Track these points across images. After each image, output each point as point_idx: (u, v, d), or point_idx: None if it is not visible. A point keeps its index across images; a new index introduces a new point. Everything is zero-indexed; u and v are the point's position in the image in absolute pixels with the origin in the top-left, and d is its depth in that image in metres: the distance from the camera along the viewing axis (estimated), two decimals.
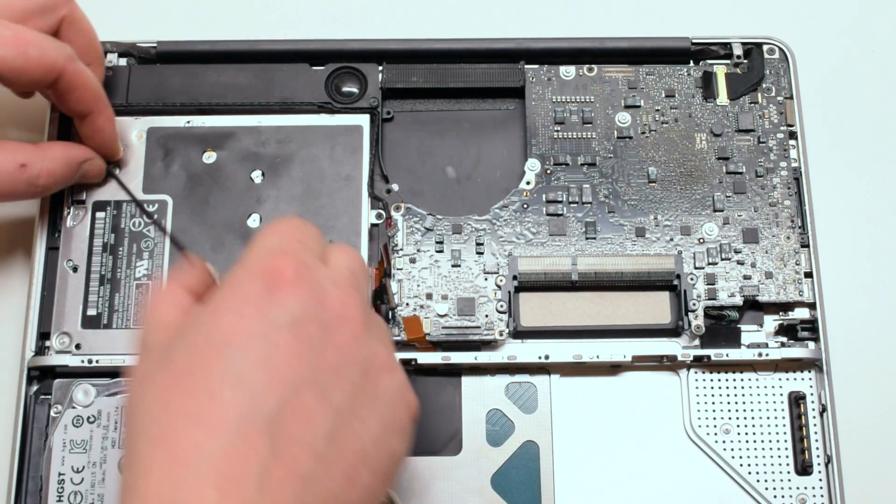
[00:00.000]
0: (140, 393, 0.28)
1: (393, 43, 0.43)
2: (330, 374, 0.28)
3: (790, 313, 0.41)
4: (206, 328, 0.28)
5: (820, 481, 0.38)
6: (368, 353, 0.29)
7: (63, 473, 0.38)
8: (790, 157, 0.42)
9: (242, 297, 0.28)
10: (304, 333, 0.28)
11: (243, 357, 0.27)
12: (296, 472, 0.26)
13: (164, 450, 0.26)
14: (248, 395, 0.26)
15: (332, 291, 0.29)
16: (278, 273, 0.28)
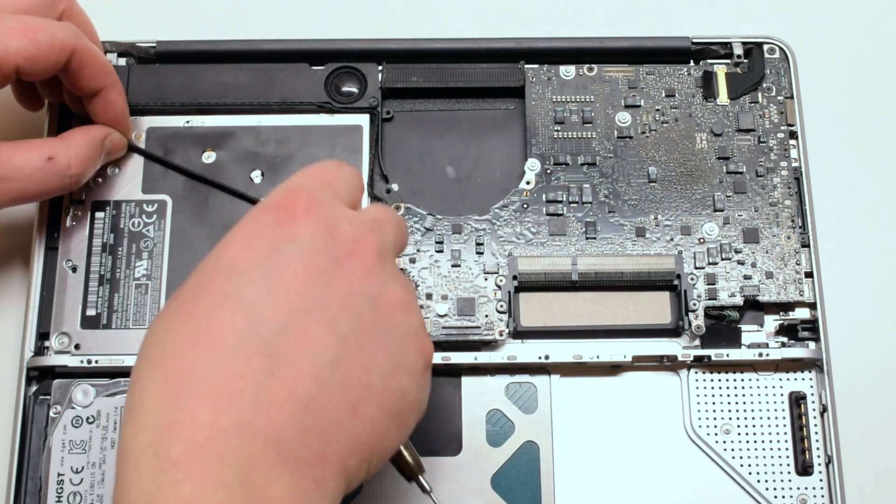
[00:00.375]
0: (151, 325, 0.28)
1: (393, 42, 0.43)
2: (336, 304, 0.27)
3: (791, 313, 0.40)
4: (214, 257, 0.28)
5: (820, 482, 0.38)
6: (380, 288, 0.29)
7: (62, 474, 0.38)
8: (790, 157, 0.42)
9: (252, 229, 0.28)
10: (312, 262, 0.27)
11: (247, 281, 0.27)
12: (295, 394, 0.26)
13: (161, 370, 0.26)
14: (248, 317, 0.26)
15: (344, 227, 0.29)
16: (290, 206, 0.28)
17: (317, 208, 0.28)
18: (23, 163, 0.35)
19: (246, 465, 0.25)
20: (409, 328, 0.29)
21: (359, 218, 0.30)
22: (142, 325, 0.39)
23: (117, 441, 0.26)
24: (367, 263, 0.29)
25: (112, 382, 0.39)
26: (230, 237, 0.28)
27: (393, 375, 0.28)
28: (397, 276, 0.30)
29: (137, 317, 0.40)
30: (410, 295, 0.30)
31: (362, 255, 0.29)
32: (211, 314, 0.26)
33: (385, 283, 0.29)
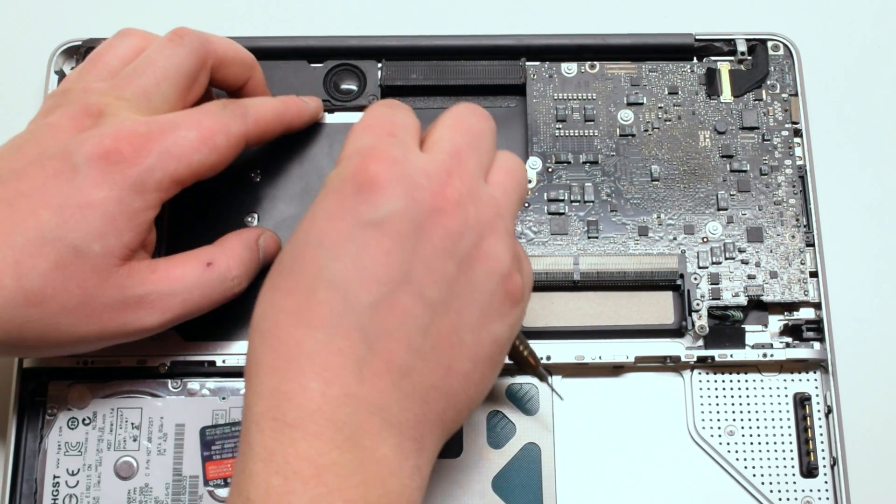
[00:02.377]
0: (259, 296, 0.30)
1: (392, 40, 0.43)
2: (423, 270, 0.29)
3: (795, 313, 0.40)
4: (303, 231, 0.29)
5: (825, 483, 0.38)
6: (464, 245, 0.29)
7: (58, 476, 0.37)
8: (795, 155, 0.42)
9: (334, 200, 0.29)
10: (395, 231, 0.28)
11: (335, 256, 0.28)
12: (393, 363, 0.28)
13: (269, 345, 0.28)
14: (341, 294, 0.28)
15: (422, 184, 0.29)
16: (367, 173, 0.29)
17: (393, 169, 0.29)
18: (181, 273, 0.34)
19: (355, 430, 0.27)
20: (492, 276, 0.30)
21: (434, 165, 0.30)
22: None
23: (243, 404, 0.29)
24: (447, 220, 0.29)
25: (108, 384, 0.38)
26: (315, 210, 0.29)
27: (482, 326, 0.30)
28: (480, 215, 0.30)
29: None
30: (495, 235, 0.30)
31: (442, 210, 0.29)
32: (307, 292, 0.28)
33: (467, 237, 0.29)
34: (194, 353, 0.38)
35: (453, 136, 0.31)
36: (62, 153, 0.32)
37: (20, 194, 0.31)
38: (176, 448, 0.38)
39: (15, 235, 0.31)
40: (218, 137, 0.34)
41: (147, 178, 0.32)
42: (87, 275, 0.32)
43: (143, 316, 0.33)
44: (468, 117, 0.32)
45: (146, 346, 0.38)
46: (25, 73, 0.45)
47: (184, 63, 0.35)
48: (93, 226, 0.31)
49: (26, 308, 0.31)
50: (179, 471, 0.38)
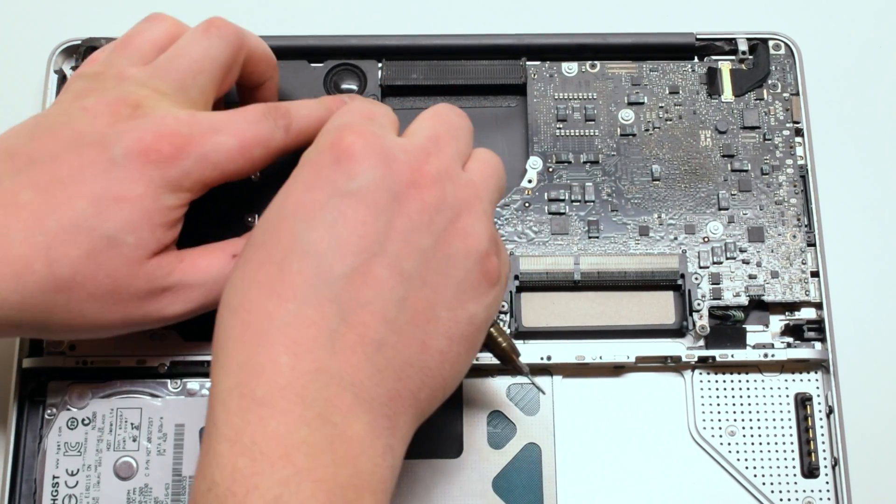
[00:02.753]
0: (230, 273, 0.30)
1: (392, 39, 0.43)
2: (399, 242, 0.28)
3: (796, 313, 0.40)
4: (279, 203, 0.29)
5: (827, 484, 0.38)
6: (440, 220, 0.29)
7: (57, 476, 0.37)
8: (796, 155, 0.42)
9: (311, 171, 0.29)
10: (372, 201, 0.28)
11: (310, 226, 0.28)
12: (367, 336, 0.27)
13: (239, 318, 0.28)
14: (315, 264, 0.27)
15: (401, 158, 0.29)
16: (345, 144, 0.29)
17: (371, 140, 0.29)
18: (208, 265, 0.34)
19: (326, 406, 0.26)
20: (469, 254, 0.30)
21: (412, 143, 0.30)
22: None
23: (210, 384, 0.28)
24: (424, 193, 0.29)
25: (108, 384, 0.38)
26: (292, 181, 0.29)
27: (458, 304, 0.29)
28: (458, 193, 0.30)
29: None
30: (472, 214, 0.30)
31: (419, 185, 0.29)
32: (280, 263, 0.28)
33: (444, 212, 0.29)
34: (194, 353, 0.38)
35: (433, 124, 0.32)
36: (100, 142, 0.32)
37: (56, 180, 0.31)
38: (175, 448, 0.38)
39: (48, 221, 0.31)
40: (256, 150, 0.34)
41: (183, 179, 0.32)
42: (118, 265, 0.32)
43: (167, 305, 0.33)
44: (447, 112, 0.33)
45: (146, 345, 0.38)
46: (25, 72, 0.44)
47: (220, 55, 0.35)
48: (127, 219, 0.31)
49: (54, 294, 0.31)
50: (179, 471, 0.37)
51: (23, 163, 0.32)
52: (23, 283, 0.30)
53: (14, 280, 0.30)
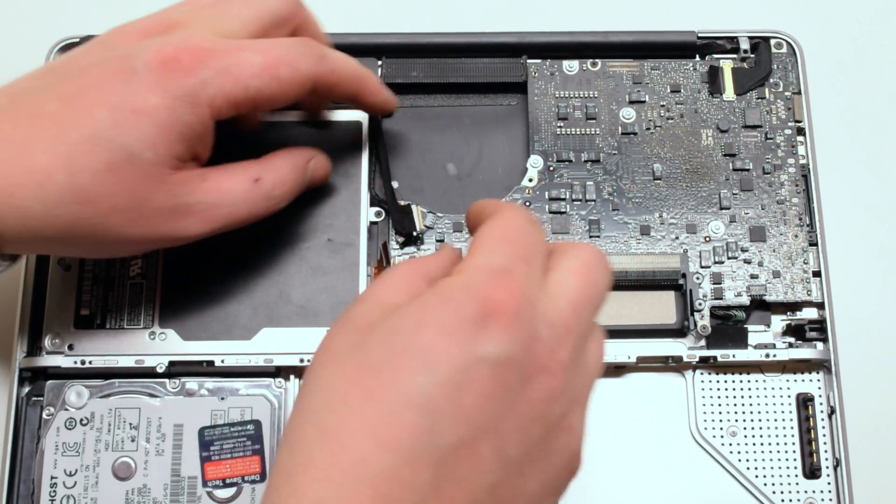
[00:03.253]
0: (325, 370, 0.27)
1: (392, 37, 0.43)
2: (513, 427, 0.26)
3: (798, 313, 0.40)
4: (408, 332, 0.26)
5: (828, 485, 0.38)
6: (556, 412, 0.27)
7: (55, 477, 0.37)
8: (798, 154, 0.41)
9: (454, 317, 0.26)
10: (503, 377, 0.26)
11: (436, 380, 0.25)
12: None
13: (329, 448, 0.25)
14: (428, 424, 0.25)
15: (543, 336, 0.27)
16: (498, 304, 0.26)
17: (522, 310, 0.26)
18: (231, 186, 0.34)
19: None
20: (568, 452, 0.28)
21: (556, 315, 0.28)
22: (136, 325, 0.39)
23: (265, 499, 0.26)
24: (552, 385, 0.27)
25: (106, 383, 0.38)
26: (428, 316, 0.26)
27: (539, 499, 0.28)
28: (578, 387, 0.28)
29: (132, 317, 0.39)
30: (583, 408, 0.29)
31: (550, 374, 0.27)
32: (393, 405, 0.25)
33: (562, 405, 0.28)
34: (193, 352, 0.38)
35: (578, 286, 0.29)
36: (127, 55, 0.32)
37: (79, 91, 0.32)
38: (174, 448, 0.37)
39: (69, 131, 0.31)
40: (282, 69, 0.33)
41: (200, 91, 0.32)
42: (138, 180, 0.32)
43: (190, 224, 0.33)
44: (596, 269, 0.30)
45: (144, 345, 0.38)
46: (23, 70, 0.44)
47: (274, 6, 0.35)
48: (144, 132, 0.31)
49: (77, 205, 0.31)
50: (178, 471, 0.37)
51: (54, 76, 0.32)
52: (45, 193, 0.31)
53: (37, 189, 0.31)
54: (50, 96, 0.32)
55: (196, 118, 0.32)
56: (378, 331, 0.27)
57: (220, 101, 0.32)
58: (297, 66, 0.33)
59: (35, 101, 0.32)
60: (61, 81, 0.32)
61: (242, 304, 0.39)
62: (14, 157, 0.31)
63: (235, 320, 0.39)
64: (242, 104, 0.33)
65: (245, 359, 0.38)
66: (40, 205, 0.31)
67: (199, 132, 0.33)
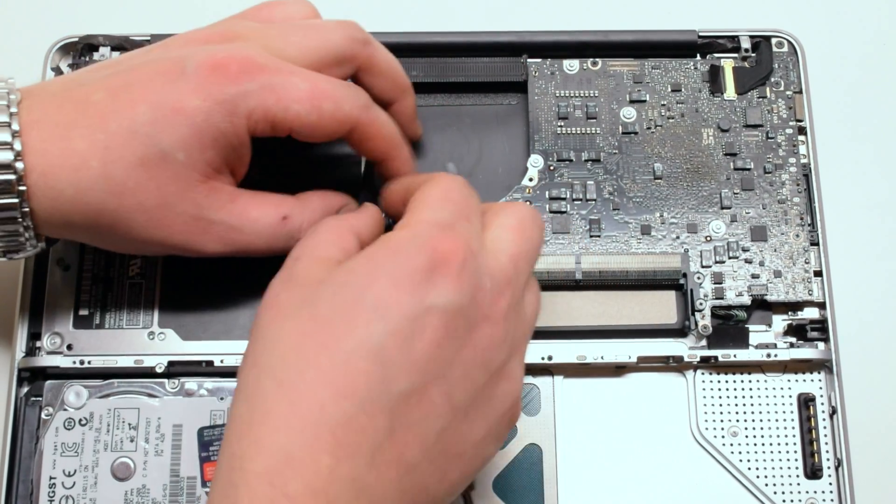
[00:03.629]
0: (276, 324, 0.28)
1: (392, 36, 0.42)
2: (460, 373, 0.28)
3: (799, 313, 0.40)
4: (359, 285, 0.27)
5: (830, 485, 0.38)
6: (498, 359, 0.29)
7: (54, 477, 0.37)
8: (799, 153, 0.41)
9: (404, 268, 0.27)
10: (451, 325, 0.27)
11: (388, 329, 0.27)
12: (403, 457, 0.27)
13: (288, 398, 0.26)
14: (382, 372, 0.26)
15: (486, 286, 0.28)
16: (446, 256, 0.28)
17: (468, 259, 0.28)
18: (257, 216, 0.34)
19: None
20: (509, 397, 0.30)
21: (499, 268, 0.29)
22: (135, 324, 0.39)
23: (224, 450, 0.27)
24: (494, 332, 0.29)
25: (105, 384, 0.38)
26: (379, 268, 0.28)
27: (484, 444, 0.29)
28: (518, 335, 0.30)
29: (131, 316, 0.39)
30: (521, 356, 0.30)
31: (493, 322, 0.29)
32: (348, 355, 0.26)
33: (503, 351, 0.29)
34: (192, 352, 0.38)
35: (515, 240, 0.30)
36: (179, 57, 0.33)
37: (126, 84, 0.32)
38: (173, 449, 0.37)
39: (110, 122, 0.32)
40: (326, 102, 0.33)
41: (241, 101, 0.32)
42: (168, 180, 0.32)
43: (207, 241, 0.34)
44: (532, 227, 0.31)
45: (143, 345, 0.38)
46: (22, 70, 0.43)
47: (338, 43, 0.35)
48: (179, 132, 0.32)
49: (106, 195, 0.32)
50: (177, 472, 0.37)
51: (108, 70, 0.33)
52: (78, 178, 0.31)
53: (71, 173, 0.31)
54: (99, 87, 0.32)
55: (231, 127, 0.32)
56: (328, 284, 0.28)
57: (258, 116, 0.32)
58: (341, 105, 0.33)
59: (84, 90, 0.32)
60: (113, 75, 0.33)
61: (242, 304, 0.39)
62: (54, 139, 0.32)
63: (235, 320, 0.39)
64: (280, 125, 0.33)
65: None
66: (72, 189, 0.32)
67: (233, 143, 0.33)
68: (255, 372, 0.27)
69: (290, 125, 0.33)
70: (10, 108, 0.32)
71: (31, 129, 0.31)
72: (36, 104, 0.32)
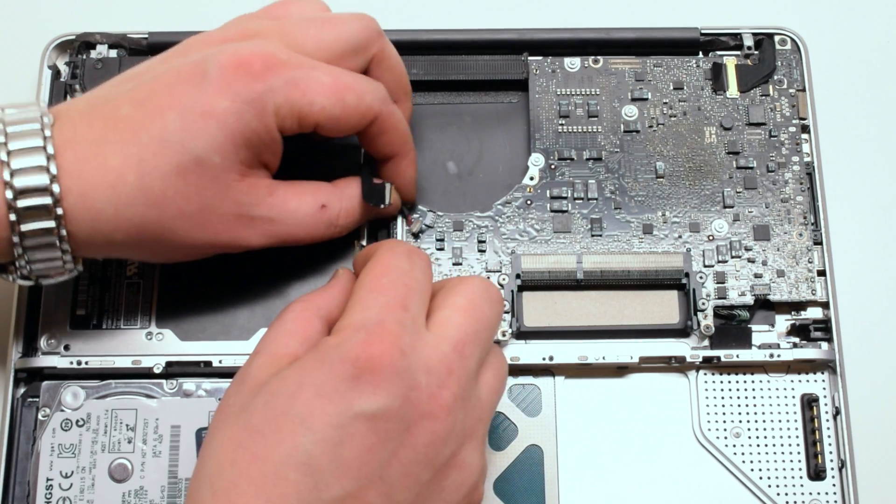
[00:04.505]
0: (219, 431, 0.28)
1: (392, 34, 0.42)
2: (399, 473, 0.28)
3: (803, 313, 0.40)
4: (288, 395, 0.28)
5: (833, 486, 0.38)
6: (445, 452, 0.29)
7: (51, 479, 0.37)
8: (802, 152, 0.41)
9: (328, 378, 0.28)
10: (383, 429, 0.28)
11: (315, 440, 0.27)
12: None
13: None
14: (312, 481, 0.27)
15: (421, 383, 0.28)
16: (370, 361, 0.28)
17: (396, 362, 0.28)
18: (296, 207, 0.35)
19: None
20: (462, 487, 0.29)
21: (437, 358, 0.29)
22: (133, 325, 0.39)
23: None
24: (436, 429, 0.28)
25: (102, 384, 0.38)
26: (305, 376, 0.28)
27: None
28: (466, 421, 0.29)
29: (128, 317, 0.39)
30: (473, 443, 0.30)
31: (433, 417, 0.28)
32: (277, 467, 0.27)
33: (450, 446, 0.29)
34: (190, 353, 0.38)
35: (462, 323, 0.30)
36: (199, 60, 0.33)
37: (151, 94, 0.32)
38: (171, 450, 0.37)
39: (141, 134, 0.32)
40: (350, 95, 0.33)
41: (268, 98, 0.32)
42: (206, 184, 0.32)
43: (250, 235, 0.34)
44: (482, 304, 0.31)
45: (141, 345, 0.38)
46: (18, 67, 0.44)
47: (354, 34, 0.35)
48: (212, 136, 0.32)
49: (146, 208, 0.32)
50: (175, 473, 0.37)
51: (130, 83, 0.33)
52: (116, 195, 0.31)
53: (109, 191, 0.31)
54: (124, 101, 0.32)
55: (262, 126, 0.32)
56: (261, 393, 0.28)
57: (285, 111, 0.33)
58: (364, 96, 0.34)
59: (110, 105, 0.32)
60: (136, 87, 0.33)
61: (240, 304, 0.39)
62: (88, 158, 0.31)
63: (233, 320, 0.38)
64: (306, 120, 0.33)
65: (243, 359, 0.37)
66: (112, 207, 0.32)
67: (265, 141, 0.33)
68: (197, 480, 0.28)
69: (315, 119, 0.33)
70: (44, 130, 0.31)
71: (66, 150, 0.31)
72: (66, 124, 0.32)
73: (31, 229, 0.31)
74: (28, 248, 0.32)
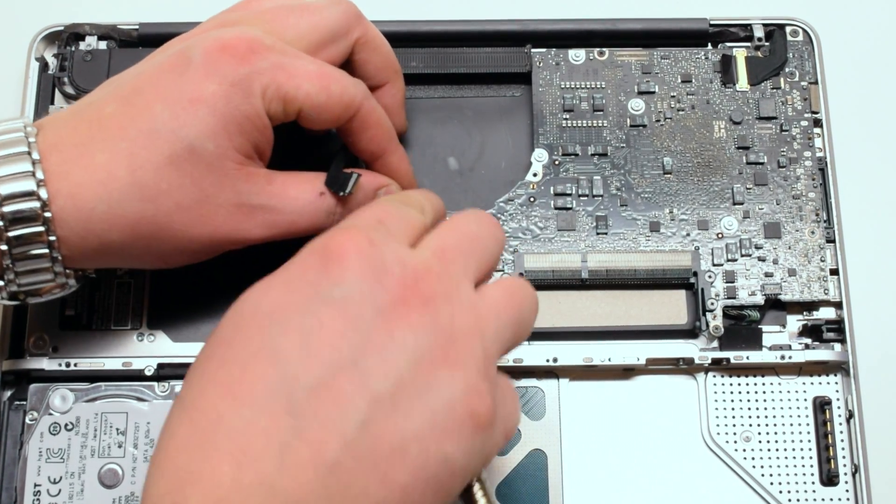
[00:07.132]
0: (191, 367, 0.28)
1: (392, 25, 0.42)
2: (374, 359, 0.26)
3: (815, 313, 0.39)
4: (254, 299, 0.28)
5: (847, 492, 0.37)
6: (426, 343, 0.27)
7: (39, 484, 0.36)
8: (815, 147, 0.41)
9: (297, 271, 0.28)
10: (354, 313, 0.27)
11: (283, 330, 0.27)
12: (321, 455, 0.25)
13: (188, 417, 0.26)
14: (280, 371, 0.26)
15: (394, 270, 0.28)
16: (335, 247, 0.28)
17: (364, 248, 0.28)
18: (296, 195, 0.34)
19: None
20: (455, 385, 0.27)
21: (416, 257, 0.28)
22: (123, 325, 0.38)
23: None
24: (411, 314, 0.27)
25: (92, 387, 0.37)
26: (273, 278, 0.28)
27: (433, 440, 0.27)
28: (456, 319, 0.28)
29: (119, 317, 0.38)
30: (468, 346, 0.28)
31: (408, 304, 0.27)
32: (244, 364, 0.26)
33: (432, 334, 0.27)
34: (182, 354, 0.38)
35: (443, 235, 0.30)
36: (182, 49, 0.33)
37: (136, 90, 0.32)
38: None
39: (129, 129, 0.31)
40: (334, 84, 0.34)
41: (255, 79, 0.32)
42: (202, 173, 0.32)
43: (252, 227, 0.34)
44: (468, 221, 0.31)
45: (132, 347, 0.38)
46: (5, 59, 0.44)
47: (333, 19, 0.35)
48: (204, 122, 0.32)
49: (141, 203, 0.31)
50: None
51: (113, 84, 0.33)
52: (107, 191, 0.31)
53: (99, 188, 0.31)
54: (108, 100, 0.32)
55: (252, 108, 0.32)
56: (231, 308, 0.28)
57: (272, 93, 0.33)
58: (347, 88, 0.34)
59: (94, 107, 0.32)
60: (120, 86, 0.33)
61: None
62: (75, 159, 0.31)
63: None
64: (291, 105, 0.33)
65: None
66: (104, 205, 0.31)
67: (257, 125, 0.33)
68: (171, 409, 0.27)
69: (300, 104, 0.33)
70: (28, 138, 0.31)
71: (51, 154, 0.31)
72: (50, 131, 0.32)
73: (19, 235, 0.31)
74: (17, 258, 0.31)
